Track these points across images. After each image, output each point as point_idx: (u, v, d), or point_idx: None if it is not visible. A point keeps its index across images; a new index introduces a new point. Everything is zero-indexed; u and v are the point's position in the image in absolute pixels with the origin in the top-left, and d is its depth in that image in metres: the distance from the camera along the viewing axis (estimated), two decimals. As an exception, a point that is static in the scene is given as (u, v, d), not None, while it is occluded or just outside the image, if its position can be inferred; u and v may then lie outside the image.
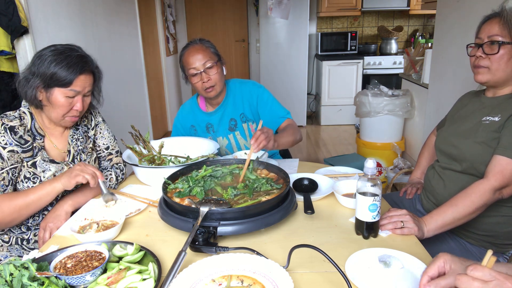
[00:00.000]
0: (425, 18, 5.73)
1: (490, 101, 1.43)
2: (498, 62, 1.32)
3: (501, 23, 1.29)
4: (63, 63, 1.36)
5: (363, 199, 1.11)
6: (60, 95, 1.38)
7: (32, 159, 1.41)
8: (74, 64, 1.37)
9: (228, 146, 1.99)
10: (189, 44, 1.85)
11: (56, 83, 1.36)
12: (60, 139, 1.53)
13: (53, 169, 1.45)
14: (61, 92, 1.38)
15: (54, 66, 1.35)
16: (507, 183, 1.26)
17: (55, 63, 1.35)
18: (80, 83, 1.40)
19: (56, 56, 1.36)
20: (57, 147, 1.50)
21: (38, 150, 1.43)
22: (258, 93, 1.92)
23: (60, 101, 1.39)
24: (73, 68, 1.37)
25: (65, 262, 1.01)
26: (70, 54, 1.38)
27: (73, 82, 1.38)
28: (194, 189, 1.30)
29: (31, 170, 1.41)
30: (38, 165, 1.42)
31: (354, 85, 5.36)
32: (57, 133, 1.52)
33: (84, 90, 1.43)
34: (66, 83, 1.37)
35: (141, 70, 4.30)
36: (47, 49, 1.39)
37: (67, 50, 1.40)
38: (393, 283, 0.95)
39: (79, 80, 1.39)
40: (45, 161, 1.44)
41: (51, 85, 1.36)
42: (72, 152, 1.53)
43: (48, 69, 1.35)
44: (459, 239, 1.47)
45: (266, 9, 5.11)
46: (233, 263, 0.99)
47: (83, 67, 1.40)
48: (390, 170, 3.43)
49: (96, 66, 1.48)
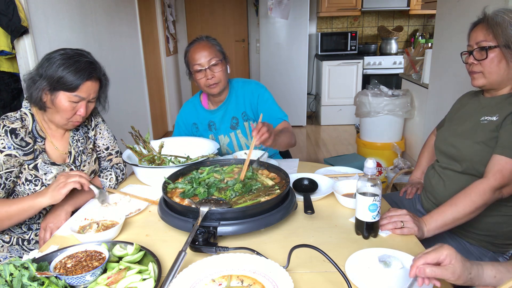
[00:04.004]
0: (425, 18, 5.73)
1: (488, 101, 1.44)
2: (490, 66, 1.35)
3: (485, 28, 1.34)
4: (72, 68, 1.36)
5: (363, 199, 1.11)
6: (64, 99, 1.38)
7: (34, 162, 1.41)
8: (82, 70, 1.37)
9: (229, 144, 2.00)
10: (195, 41, 1.86)
11: (62, 86, 1.36)
12: (61, 141, 1.52)
13: (55, 171, 1.45)
14: (66, 96, 1.38)
15: (62, 70, 1.35)
16: (507, 182, 1.26)
17: (64, 67, 1.35)
18: (86, 89, 1.40)
19: (65, 60, 1.36)
20: (58, 149, 1.50)
21: (39, 153, 1.42)
22: (259, 92, 1.93)
23: (64, 105, 1.38)
24: (81, 73, 1.37)
25: (65, 262, 1.01)
26: (79, 59, 1.38)
27: (79, 87, 1.38)
28: (197, 189, 1.30)
29: (33, 172, 1.41)
30: (39, 168, 1.42)
31: (354, 85, 5.36)
32: (58, 135, 1.52)
33: (89, 96, 1.43)
34: (72, 88, 1.37)
35: (141, 70, 4.30)
36: (56, 52, 1.39)
37: (76, 55, 1.40)
38: (393, 283, 0.95)
39: (85, 86, 1.39)
40: (46, 164, 1.43)
41: (57, 88, 1.36)
42: (73, 154, 1.53)
43: (56, 72, 1.35)
44: (459, 239, 1.47)
45: (266, 9, 5.11)
46: (233, 263, 0.99)
47: (91, 73, 1.40)
48: (390, 170, 3.43)
49: (103, 73, 1.49)
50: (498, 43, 1.31)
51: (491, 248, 1.44)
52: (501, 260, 1.46)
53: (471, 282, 0.87)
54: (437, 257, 0.82)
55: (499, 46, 1.31)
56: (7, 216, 1.29)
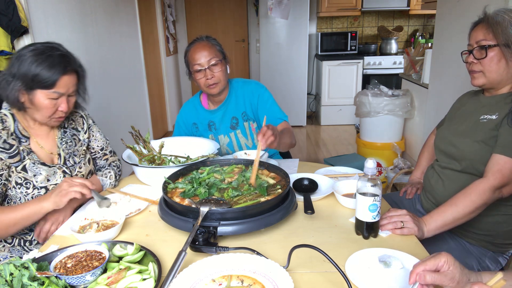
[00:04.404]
0: (425, 18, 5.73)
1: (488, 100, 1.44)
2: (489, 64, 1.36)
3: (485, 27, 1.35)
4: (45, 64, 1.29)
5: (363, 199, 1.11)
6: (43, 97, 1.32)
7: (21, 163, 1.36)
8: (56, 64, 1.30)
9: (229, 144, 2.00)
10: (195, 40, 1.86)
11: (38, 85, 1.30)
12: (46, 140, 1.47)
13: (44, 173, 1.41)
14: (44, 94, 1.32)
15: (35, 67, 1.28)
16: (507, 181, 1.26)
17: (36, 64, 1.28)
18: (64, 84, 1.34)
19: (36, 56, 1.29)
20: (44, 148, 1.45)
21: (27, 154, 1.38)
22: (259, 92, 1.93)
23: (44, 103, 1.33)
24: (56, 68, 1.30)
25: (65, 262, 1.01)
26: (51, 53, 1.31)
27: (56, 83, 1.31)
28: (198, 189, 1.30)
29: (21, 175, 1.37)
30: (28, 169, 1.38)
31: (354, 85, 5.36)
32: (42, 134, 1.46)
33: (68, 90, 1.37)
34: (49, 85, 1.30)
35: (141, 70, 4.30)
36: (26, 48, 1.32)
37: (48, 49, 1.32)
38: (393, 283, 0.95)
39: (62, 80, 1.33)
40: (34, 164, 1.39)
41: (33, 87, 1.30)
42: (63, 155, 1.49)
43: (29, 70, 1.28)
44: (459, 239, 1.47)
45: (266, 9, 5.11)
46: (233, 263, 0.99)
47: (66, 66, 1.33)
48: (390, 170, 3.43)
49: (79, 65, 1.41)
50: (498, 42, 1.32)
51: (491, 248, 1.44)
52: (501, 260, 1.46)
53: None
54: (435, 263, 0.82)
55: (498, 45, 1.32)
56: (13, 222, 1.27)
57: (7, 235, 1.32)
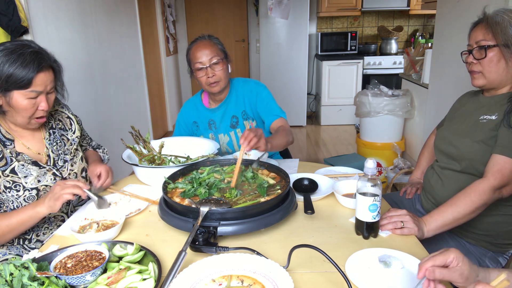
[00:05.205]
0: (425, 18, 5.73)
1: (487, 100, 1.44)
2: (489, 65, 1.36)
3: (485, 27, 1.35)
4: (17, 63, 1.23)
5: (363, 199, 1.11)
6: (21, 98, 1.27)
7: (8, 167, 1.33)
8: (30, 62, 1.25)
9: (229, 143, 2.00)
10: (197, 39, 1.87)
11: (14, 85, 1.24)
12: (32, 141, 1.43)
13: (35, 173, 1.38)
14: (21, 94, 1.27)
15: (8, 67, 1.23)
16: (506, 182, 1.26)
17: (9, 64, 1.23)
18: (40, 82, 1.28)
19: (7, 56, 1.24)
20: (31, 149, 1.42)
21: (15, 156, 1.35)
22: (258, 90, 1.93)
23: (22, 104, 1.28)
24: (30, 66, 1.25)
25: (65, 262, 1.02)
26: (23, 51, 1.25)
27: (33, 81, 1.26)
28: (198, 190, 1.30)
29: (9, 178, 1.33)
30: (18, 171, 1.35)
31: (354, 85, 5.36)
32: (27, 134, 1.42)
33: (46, 88, 1.31)
34: (24, 84, 1.25)
35: (141, 70, 4.30)
36: None
37: (19, 47, 1.26)
38: (393, 283, 0.95)
39: (39, 78, 1.27)
40: (24, 166, 1.36)
41: (9, 88, 1.25)
42: (52, 156, 1.47)
43: (1, 71, 1.23)
44: (459, 239, 1.47)
45: (266, 9, 5.11)
46: (233, 263, 0.99)
47: (40, 63, 1.27)
48: (390, 170, 3.43)
49: (54, 60, 1.36)
50: (497, 42, 1.32)
51: (491, 248, 1.44)
52: (501, 260, 1.46)
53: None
54: (444, 259, 0.82)
55: (498, 45, 1.32)
56: (8, 229, 1.27)
57: (4, 242, 1.32)
